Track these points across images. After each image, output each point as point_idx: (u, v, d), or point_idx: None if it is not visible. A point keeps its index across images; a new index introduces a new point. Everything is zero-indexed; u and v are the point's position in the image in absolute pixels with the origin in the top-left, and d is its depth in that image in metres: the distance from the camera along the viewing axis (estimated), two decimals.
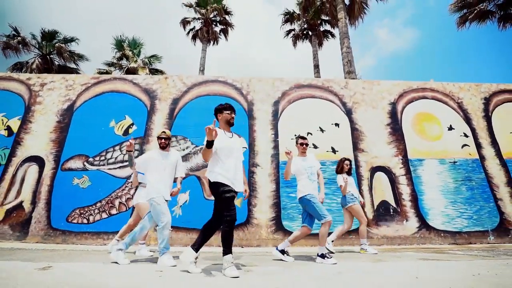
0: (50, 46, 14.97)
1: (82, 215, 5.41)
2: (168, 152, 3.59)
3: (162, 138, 3.55)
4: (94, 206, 5.49)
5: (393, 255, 3.96)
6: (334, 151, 6.14)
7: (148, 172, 3.48)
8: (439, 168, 6.19)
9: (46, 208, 5.45)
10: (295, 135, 5.92)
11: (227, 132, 2.89)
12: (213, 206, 2.74)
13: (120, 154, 5.90)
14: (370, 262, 3.32)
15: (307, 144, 3.79)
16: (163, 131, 3.60)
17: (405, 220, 5.64)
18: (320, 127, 6.37)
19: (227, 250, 2.55)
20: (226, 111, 2.88)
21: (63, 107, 6.36)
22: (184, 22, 17.53)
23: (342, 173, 4.50)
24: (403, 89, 6.95)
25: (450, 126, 6.63)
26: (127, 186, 5.65)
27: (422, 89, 7.00)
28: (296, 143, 3.83)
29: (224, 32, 18.13)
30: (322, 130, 6.35)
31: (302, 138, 3.81)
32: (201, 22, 17.61)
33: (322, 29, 17.51)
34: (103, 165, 5.83)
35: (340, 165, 4.56)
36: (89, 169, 5.79)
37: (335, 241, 4.45)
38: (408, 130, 6.52)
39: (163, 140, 3.55)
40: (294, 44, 18.19)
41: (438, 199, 5.87)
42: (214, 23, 17.81)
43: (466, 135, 6.55)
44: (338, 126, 6.43)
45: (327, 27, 17.42)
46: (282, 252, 3.52)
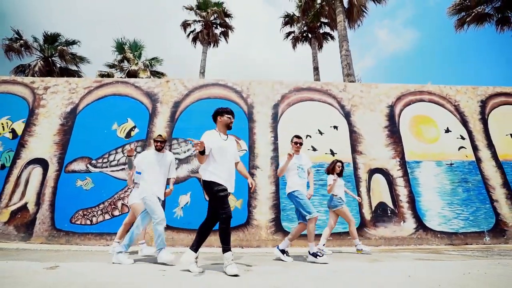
0: (52, 48, 15.12)
1: (86, 216, 5.52)
2: (163, 153, 3.74)
3: (158, 141, 3.72)
4: (97, 208, 5.59)
5: (390, 256, 4.06)
6: (332, 153, 6.24)
7: (143, 171, 3.60)
8: (436, 170, 6.29)
9: (50, 209, 5.55)
10: None
11: (223, 134, 3.00)
12: None
13: (122, 157, 6.01)
14: (367, 262, 3.42)
15: (301, 143, 3.94)
16: (159, 135, 3.75)
17: (402, 221, 5.74)
18: (319, 130, 6.48)
19: (227, 247, 2.65)
20: (227, 115, 3.00)
21: (67, 110, 6.48)
22: (184, 25, 17.67)
23: (333, 174, 4.59)
24: (401, 92, 7.06)
25: (447, 128, 6.74)
26: (130, 187, 5.75)
27: (419, 92, 7.12)
28: (291, 141, 3.97)
29: (224, 34, 18.25)
30: (321, 133, 6.46)
31: (297, 137, 3.95)
32: (201, 24, 17.73)
33: (321, 31, 17.63)
34: (106, 167, 5.94)
35: (332, 166, 4.64)
36: (92, 171, 5.90)
37: (331, 241, 4.54)
38: (405, 132, 6.62)
39: (159, 143, 3.72)
40: (294, 46, 18.30)
41: (435, 201, 5.97)
42: (215, 26, 17.94)
43: (462, 138, 6.66)
44: (337, 129, 6.54)
45: (327, 30, 17.54)
46: (283, 251, 3.63)
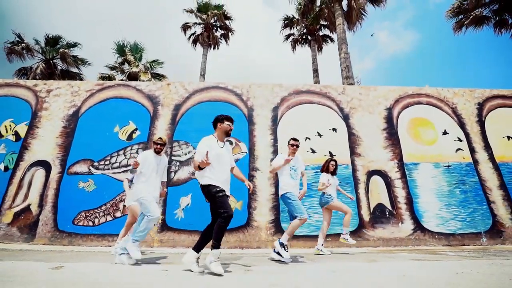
0: (54, 51, 15.23)
1: (88, 218, 5.59)
2: (160, 156, 3.85)
3: (159, 144, 3.81)
4: (99, 209, 5.67)
5: (387, 256, 4.13)
6: (331, 156, 6.32)
7: (142, 172, 3.62)
8: (434, 171, 6.36)
9: (52, 211, 5.62)
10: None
11: (220, 142, 3.09)
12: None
13: (124, 159, 6.09)
14: (365, 262, 3.50)
15: (298, 146, 4.06)
16: (160, 137, 3.85)
17: (400, 222, 5.81)
18: (318, 132, 6.56)
19: (217, 244, 2.70)
20: (227, 122, 3.10)
21: (69, 113, 6.56)
22: (185, 27, 17.77)
23: (327, 172, 4.64)
24: (399, 94, 7.15)
25: (445, 130, 6.82)
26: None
27: (417, 94, 7.20)
28: (288, 143, 4.07)
29: (224, 37, 18.33)
30: (320, 135, 6.54)
31: (294, 140, 4.07)
32: (201, 27, 17.83)
33: (321, 33, 17.74)
34: (108, 169, 6.02)
35: (325, 164, 4.70)
36: (94, 173, 5.97)
37: (330, 242, 4.60)
38: (403, 134, 6.70)
39: (159, 146, 3.81)
40: (294, 48, 18.40)
41: (432, 202, 6.04)
42: (215, 28, 18.03)
43: (460, 140, 6.74)
44: (336, 131, 6.62)
45: (326, 32, 17.63)
46: (282, 245, 3.64)
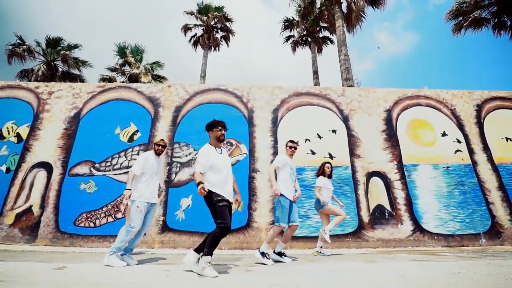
0: (55, 53, 15.31)
1: (89, 219, 5.63)
2: (160, 158, 3.85)
3: (160, 145, 3.78)
4: (101, 210, 5.70)
5: (386, 257, 4.16)
6: (331, 157, 6.36)
7: (143, 173, 3.58)
8: (433, 173, 6.40)
9: (54, 212, 5.66)
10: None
11: (217, 148, 3.11)
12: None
13: (125, 160, 6.13)
14: (364, 262, 3.53)
15: (296, 148, 4.09)
16: (162, 139, 3.83)
17: (400, 223, 5.84)
18: (317, 134, 6.60)
19: (209, 252, 2.70)
20: (215, 129, 3.08)
21: (70, 115, 6.61)
22: (185, 29, 17.86)
23: (324, 175, 4.65)
24: (398, 96, 7.19)
25: (444, 132, 6.86)
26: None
27: (416, 96, 7.25)
28: (285, 146, 4.12)
29: (225, 38, 18.40)
30: (319, 137, 6.58)
31: (292, 142, 4.11)
32: (202, 29, 17.90)
33: (321, 35, 17.84)
34: (109, 170, 6.06)
35: (321, 168, 4.72)
36: (95, 174, 6.02)
37: (330, 243, 4.63)
38: (403, 136, 6.74)
39: (161, 147, 3.78)
40: (294, 50, 18.50)
41: (431, 203, 6.07)
42: (215, 30, 18.10)
43: (459, 141, 6.78)
44: (335, 133, 6.66)
45: (326, 34, 17.73)
46: (280, 254, 3.75)
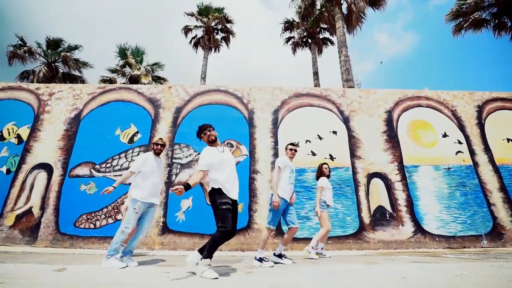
0: (55, 54, 15.34)
1: (89, 220, 5.62)
2: (159, 158, 3.82)
3: (159, 144, 3.74)
4: (101, 212, 5.70)
5: (387, 258, 4.14)
6: (332, 158, 6.35)
7: (143, 174, 3.56)
8: (434, 174, 6.38)
9: (54, 213, 5.65)
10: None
11: (219, 147, 3.13)
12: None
13: (125, 161, 6.12)
14: (365, 264, 3.51)
15: (296, 150, 4.08)
16: (160, 138, 3.80)
17: (400, 224, 5.82)
18: (318, 135, 6.59)
19: (208, 255, 2.69)
20: (203, 134, 3.11)
21: (71, 116, 6.61)
22: (186, 30, 17.90)
23: (325, 176, 4.62)
24: (399, 97, 7.18)
25: (445, 133, 6.84)
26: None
27: (417, 97, 7.24)
28: (285, 149, 4.10)
29: (225, 39, 18.44)
30: (320, 138, 6.57)
31: (292, 144, 4.09)
32: (202, 30, 17.94)
33: (321, 36, 17.84)
34: (109, 172, 6.05)
35: (319, 170, 4.70)
36: (95, 175, 6.01)
37: (330, 244, 4.61)
38: (403, 137, 6.73)
39: (159, 146, 3.74)
40: (294, 51, 18.50)
41: (433, 204, 6.05)
42: (216, 31, 18.14)
43: (460, 142, 6.76)
44: (336, 134, 6.65)
45: (326, 35, 17.74)
46: (280, 256, 3.74)
